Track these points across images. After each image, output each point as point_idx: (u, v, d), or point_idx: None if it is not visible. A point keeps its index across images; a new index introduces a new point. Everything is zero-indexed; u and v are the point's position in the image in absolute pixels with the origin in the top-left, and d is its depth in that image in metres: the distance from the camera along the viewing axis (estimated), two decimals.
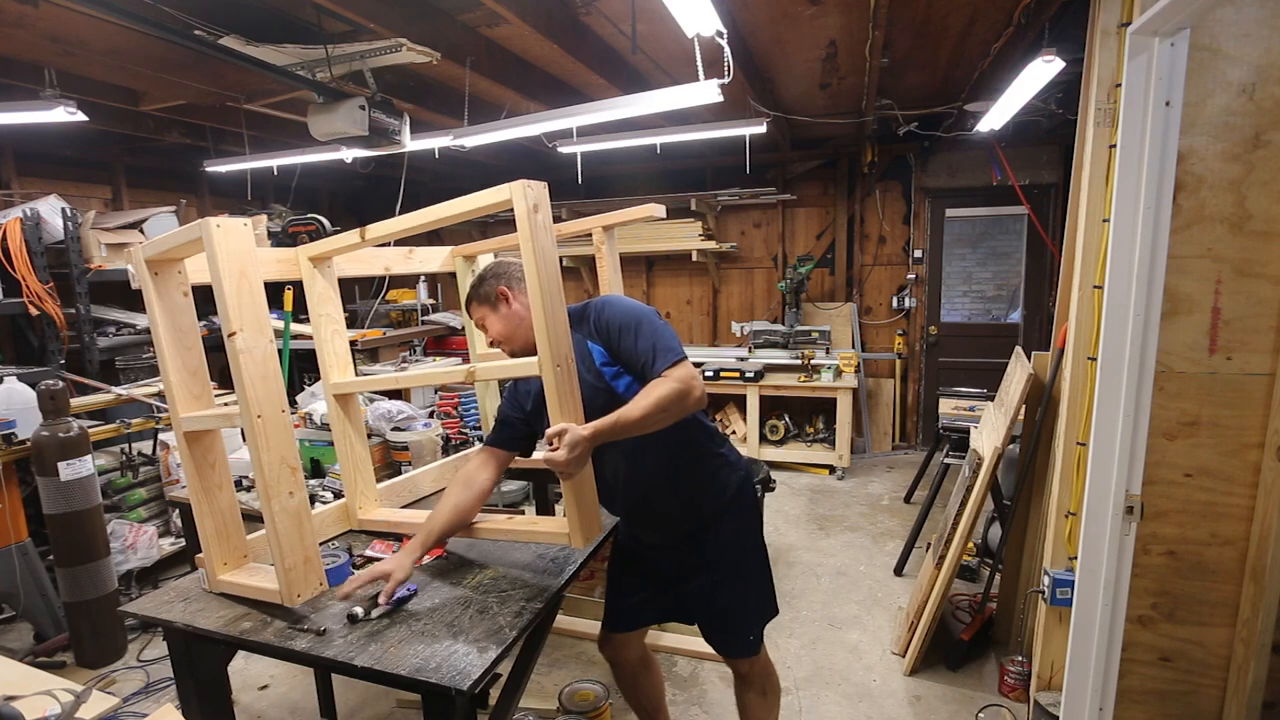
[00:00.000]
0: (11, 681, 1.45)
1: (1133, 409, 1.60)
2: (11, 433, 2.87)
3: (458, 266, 2.48)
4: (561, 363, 1.53)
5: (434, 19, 2.89)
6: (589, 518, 1.65)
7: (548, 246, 1.52)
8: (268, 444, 1.49)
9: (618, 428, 1.49)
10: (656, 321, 1.67)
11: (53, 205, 3.83)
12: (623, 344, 1.66)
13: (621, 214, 2.54)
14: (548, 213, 1.54)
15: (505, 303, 1.77)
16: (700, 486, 1.82)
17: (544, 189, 1.54)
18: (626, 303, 1.72)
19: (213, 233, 1.42)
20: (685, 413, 1.58)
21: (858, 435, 5.80)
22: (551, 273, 1.53)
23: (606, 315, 1.69)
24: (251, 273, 1.48)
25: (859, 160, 5.64)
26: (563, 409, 1.53)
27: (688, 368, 1.58)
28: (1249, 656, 1.92)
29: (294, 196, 5.93)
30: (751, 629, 1.88)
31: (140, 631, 3.09)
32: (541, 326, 1.51)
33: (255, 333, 1.48)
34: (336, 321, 2.03)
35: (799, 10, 3.09)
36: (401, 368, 4.82)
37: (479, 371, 1.73)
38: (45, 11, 2.60)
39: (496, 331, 1.80)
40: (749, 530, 1.91)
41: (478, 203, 1.59)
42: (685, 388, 1.54)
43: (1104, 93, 2.07)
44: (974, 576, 3.50)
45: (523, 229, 1.49)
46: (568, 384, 1.55)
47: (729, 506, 1.84)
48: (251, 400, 1.47)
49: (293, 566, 1.54)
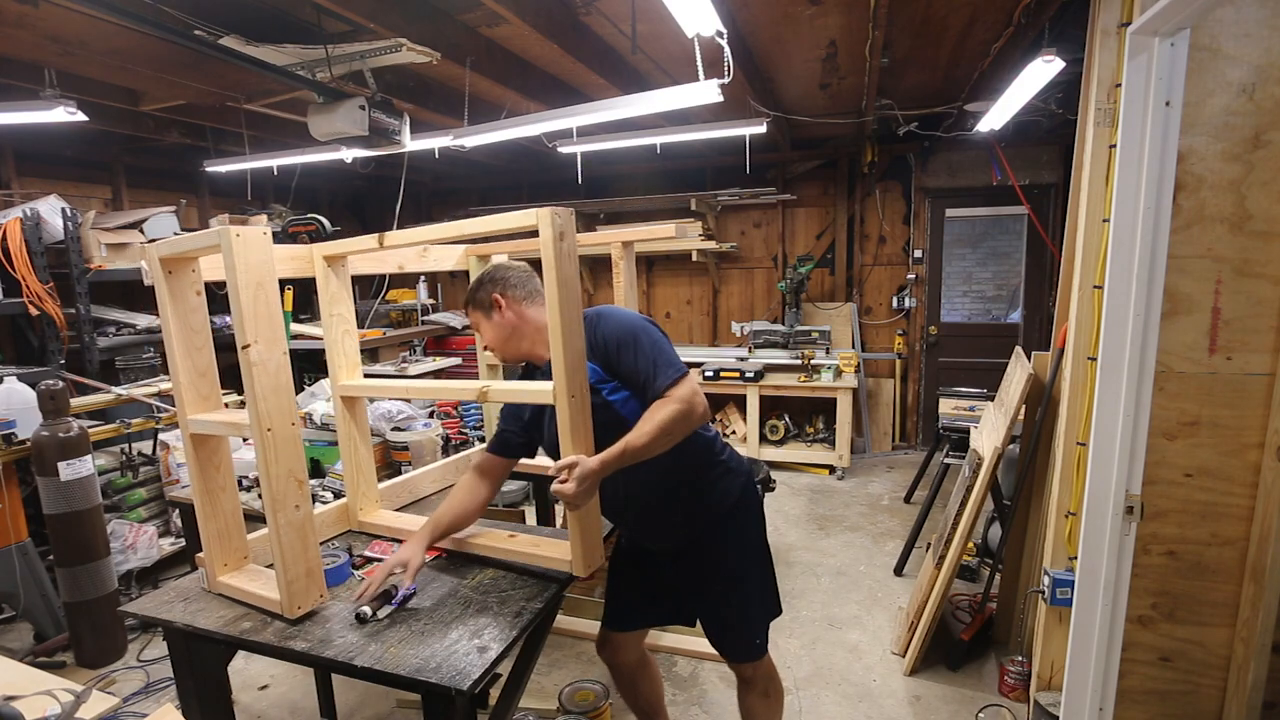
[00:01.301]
0: (11, 681, 1.45)
1: (1133, 409, 1.60)
2: (11, 433, 2.86)
3: (471, 266, 2.48)
4: (576, 393, 1.53)
5: (434, 19, 2.89)
6: (592, 546, 1.66)
7: (570, 274, 1.52)
8: (277, 457, 1.48)
9: (625, 456, 1.49)
10: (655, 334, 1.65)
11: (53, 205, 3.83)
12: (622, 361, 1.62)
13: (642, 232, 2.69)
14: (573, 241, 1.53)
15: (498, 310, 1.74)
16: (701, 496, 1.80)
17: (571, 216, 1.53)
18: (623, 316, 1.68)
19: (233, 243, 1.40)
20: (690, 430, 1.58)
21: (858, 435, 5.80)
22: (573, 301, 1.53)
23: (604, 331, 1.65)
24: (269, 284, 1.46)
25: (859, 160, 5.64)
26: (575, 440, 1.53)
27: (689, 384, 1.57)
28: (1249, 656, 1.92)
29: (294, 196, 5.92)
30: (756, 634, 1.88)
31: (140, 631, 3.09)
32: (559, 356, 1.51)
33: (270, 345, 1.47)
34: (348, 322, 2.02)
35: (799, 10, 3.09)
36: (401, 368, 4.82)
37: (491, 393, 1.73)
38: (45, 11, 2.60)
39: (488, 338, 1.79)
40: (752, 536, 1.89)
41: (504, 224, 1.59)
42: (687, 408, 1.53)
43: (1104, 93, 2.07)
44: (974, 576, 3.50)
45: (547, 256, 1.49)
46: (581, 415, 1.55)
47: (731, 513, 1.83)
48: (263, 413, 1.46)
49: (295, 579, 1.53)
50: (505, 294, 1.74)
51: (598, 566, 1.71)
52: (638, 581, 1.97)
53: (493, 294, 1.74)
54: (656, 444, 1.51)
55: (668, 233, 2.59)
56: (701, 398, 1.57)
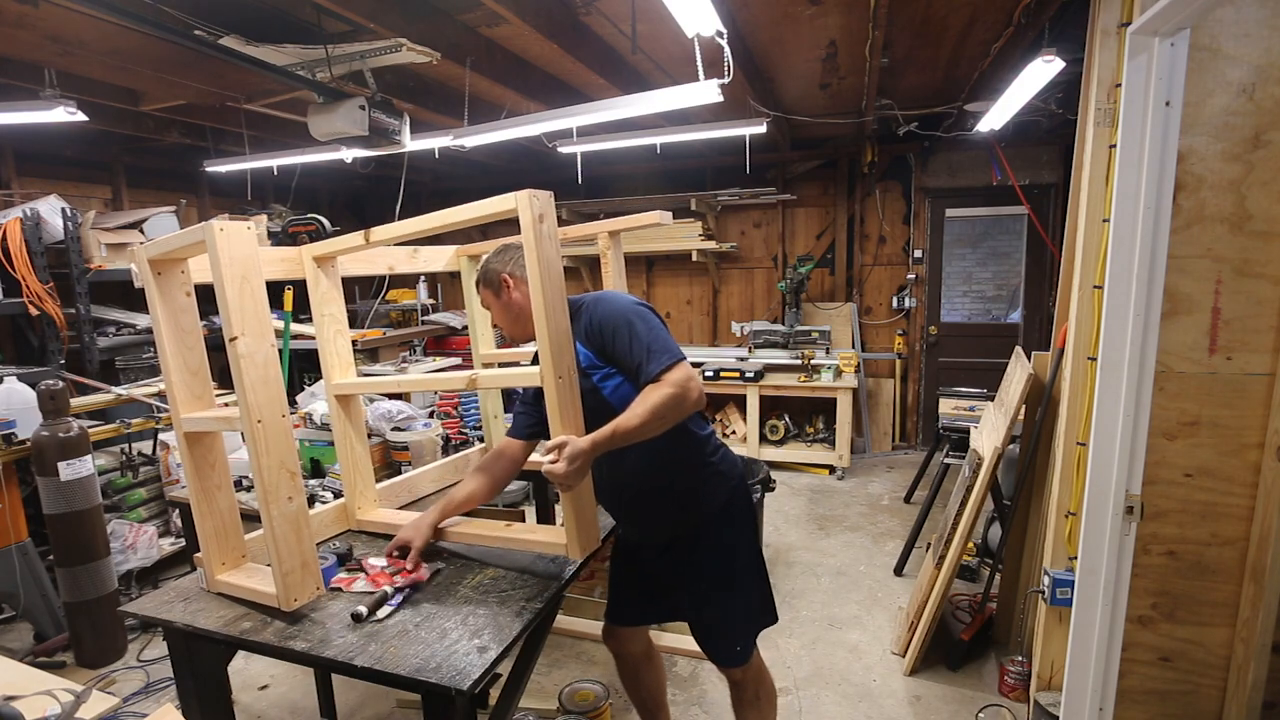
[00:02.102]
0: (11, 681, 1.45)
1: (1133, 409, 1.59)
2: (11, 433, 2.87)
3: (462, 266, 2.48)
4: (564, 375, 1.53)
5: (434, 19, 2.89)
6: (587, 529, 1.66)
7: (552, 256, 1.52)
8: (268, 449, 1.49)
9: (616, 437, 1.48)
10: (651, 320, 1.62)
11: (53, 205, 3.83)
12: (616, 346, 1.61)
13: (628, 220, 2.53)
14: (553, 222, 1.53)
15: (506, 290, 1.74)
16: (686, 496, 1.78)
17: (550, 199, 1.53)
18: (619, 301, 1.67)
19: (216, 237, 1.41)
20: (684, 415, 1.55)
21: (858, 435, 5.80)
22: (556, 283, 1.53)
23: (599, 316, 1.64)
24: (254, 278, 1.47)
25: (859, 160, 5.64)
26: (564, 420, 1.53)
27: (683, 369, 1.54)
28: (1249, 656, 1.92)
29: (294, 196, 5.93)
30: (739, 640, 1.85)
31: (140, 631, 3.08)
32: (544, 338, 1.51)
33: (257, 337, 1.47)
34: (339, 322, 2.03)
35: (799, 10, 3.09)
36: (401, 368, 4.82)
37: (480, 380, 1.73)
38: (45, 11, 2.60)
39: (497, 317, 1.79)
40: (740, 542, 1.85)
41: (483, 210, 1.59)
42: (681, 391, 1.50)
43: (1104, 93, 2.06)
44: (974, 576, 3.50)
45: (527, 238, 1.49)
46: (569, 395, 1.55)
47: (718, 517, 1.81)
48: (252, 405, 1.46)
49: (290, 571, 1.53)
50: (514, 274, 1.73)
51: (593, 550, 1.71)
52: (635, 579, 1.97)
53: (501, 274, 1.73)
54: (649, 427, 1.49)
55: (655, 218, 2.49)
56: (697, 383, 1.54)
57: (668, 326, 1.69)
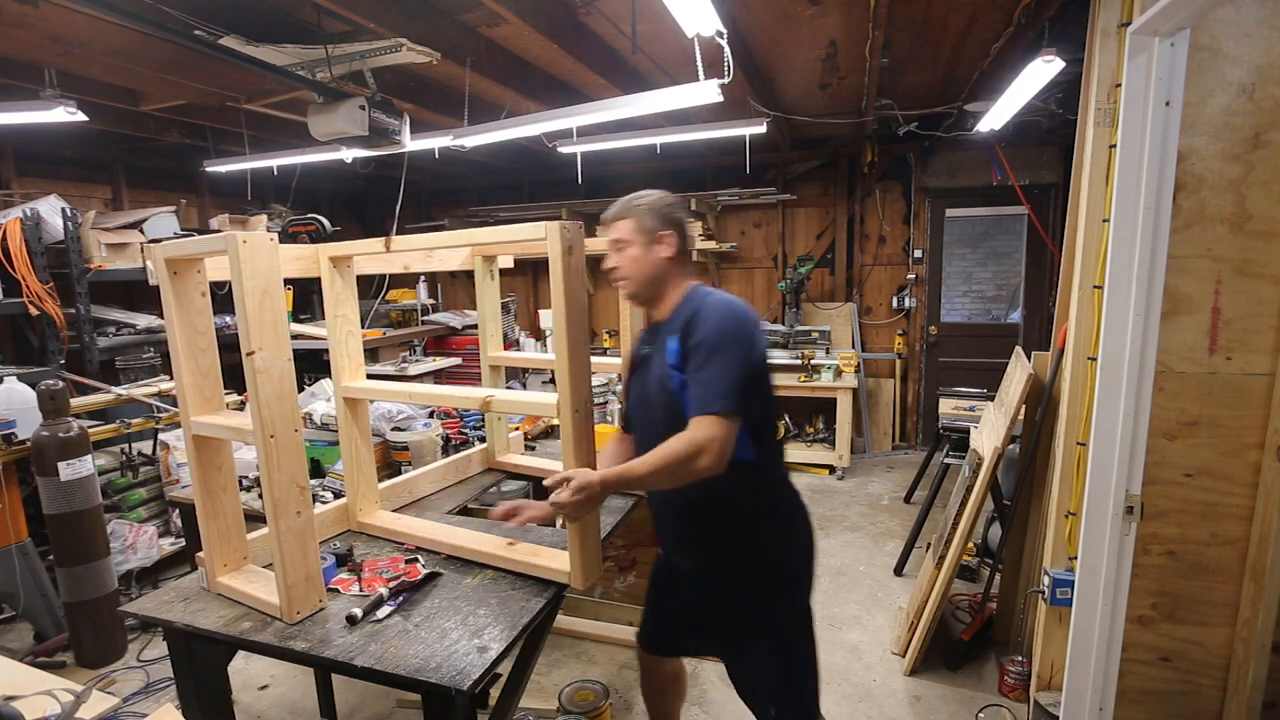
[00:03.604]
0: (11, 681, 1.45)
1: (1133, 409, 1.60)
2: (11, 433, 2.86)
3: (476, 266, 2.48)
4: (580, 408, 1.53)
5: (434, 19, 2.89)
6: (590, 559, 1.66)
7: (578, 290, 1.52)
8: (279, 464, 1.48)
9: (623, 482, 1.45)
10: (735, 356, 1.45)
11: (53, 205, 3.83)
12: (693, 359, 1.49)
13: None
14: (582, 255, 1.53)
15: (658, 244, 1.59)
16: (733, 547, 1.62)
17: (580, 230, 1.51)
18: (719, 320, 1.50)
19: (239, 249, 1.39)
20: (690, 478, 1.43)
21: (858, 435, 5.80)
22: (579, 317, 1.52)
23: (697, 325, 1.50)
24: (275, 290, 1.46)
25: (859, 160, 5.63)
26: (576, 454, 1.53)
27: (715, 427, 1.40)
28: (1249, 656, 1.92)
29: (294, 196, 5.92)
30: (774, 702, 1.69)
31: (140, 631, 3.08)
32: (564, 370, 1.50)
33: (274, 352, 1.46)
34: (352, 323, 2.02)
35: (799, 10, 3.09)
36: (401, 368, 4.82)
37: (494, 403, 1.72)
38: (45, 11, 2.60)
39: (627, 267, 1.62)
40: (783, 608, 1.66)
41: (513, 235, 1.61)
42: (694, 451, 1.39)
43: (1104, 93, 2.06)
44: (974, 576, 3.50)
45: (555, 270, 1.49)
46: (584, 429, 1.55)
47: (767, 577, 1.63)
48: (266, 420, 1.46)
49: (294, 584, 1.53)
50: (676, 234, 1.61)
51: (595, 579, 1.70)
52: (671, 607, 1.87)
53: (663, 231, 1.60)
54: (654, 479, 1.43)
55: None
56: (718, 446, 1.40)
57: (766, 359, 1.55)
